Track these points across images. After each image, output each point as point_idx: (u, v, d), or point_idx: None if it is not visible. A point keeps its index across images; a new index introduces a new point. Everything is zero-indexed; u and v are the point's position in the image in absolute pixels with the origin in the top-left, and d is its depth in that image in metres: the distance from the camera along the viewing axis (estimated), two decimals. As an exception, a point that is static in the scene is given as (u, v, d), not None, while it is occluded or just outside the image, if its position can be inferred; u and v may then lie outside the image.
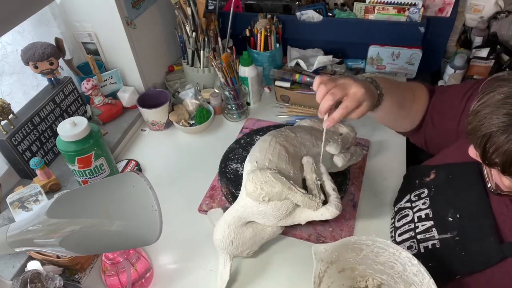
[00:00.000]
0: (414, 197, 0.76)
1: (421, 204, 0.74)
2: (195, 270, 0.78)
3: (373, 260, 0.67)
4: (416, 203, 0.75)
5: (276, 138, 0.78)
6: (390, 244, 0.63)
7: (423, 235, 0.70)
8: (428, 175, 0.76)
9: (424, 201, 0.73)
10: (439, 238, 0.67)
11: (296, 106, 1.16)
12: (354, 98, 0.66)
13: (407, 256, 0.61)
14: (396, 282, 0.66)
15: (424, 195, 0.74)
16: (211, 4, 1.27)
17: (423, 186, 0.76)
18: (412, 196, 0.77)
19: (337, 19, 1.20)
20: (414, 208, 0.75)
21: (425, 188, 0.75)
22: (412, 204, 0.76)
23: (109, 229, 0.51)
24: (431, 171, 0.76)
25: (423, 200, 0.74)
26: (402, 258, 0.62)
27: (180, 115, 1.11)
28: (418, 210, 0.74)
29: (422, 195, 0.75)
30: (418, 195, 0.76)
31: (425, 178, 0.76)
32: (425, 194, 0.74)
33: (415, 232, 0.71)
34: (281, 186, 0.67)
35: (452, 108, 0.76)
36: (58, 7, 1.02)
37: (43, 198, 0.82)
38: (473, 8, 1.25)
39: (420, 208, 0.73)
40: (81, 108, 1.07)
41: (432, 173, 0.75)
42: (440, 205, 0.70)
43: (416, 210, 0.74)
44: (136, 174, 0.54)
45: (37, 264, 0.71)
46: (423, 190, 0.75)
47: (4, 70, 0.93)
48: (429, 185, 0.74)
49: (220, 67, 1.03)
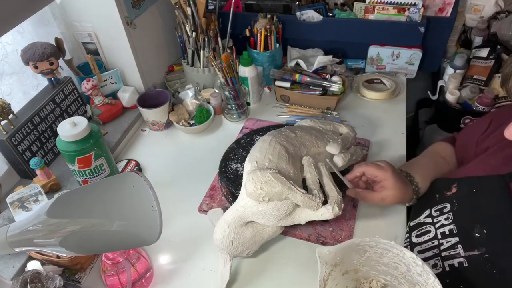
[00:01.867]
0: (435, 212, 0.72)
1: (444, 219, 0.70)
2: (195, 270, 0.78)
3: (377, 261, 0.66)
4: (438, 218, 0.71)
5: (276, 138, 0.78)
6: (394, 245, 0.62)
7: (447, 252, 0.66)
8: (449, 189, 0.72)
9: (447, 216, 0.70)
10: (466, 256, 0.63)
11: (296, 106, 1.16)
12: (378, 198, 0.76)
13: (412, 257, 0.61)
14: (400, 283, 0.66)
15: (447, 210, 0.70)
16: (211, 4, 1.27)
17: (445, 201, 0.72)
18: (433, 211, 0.73)
19: (337, 19, 1.20)
20: (436, 223, 0.71)
21: (447, 203, 0.71)
22: (433, 219, 0.72)
23: (109, 229, 0.51)
24: (452, 185, 0.72)
25: (445, 215, 0.70)
26: (407, 258, 0.62)
27: (180, 115, 1.11)
28: (441, 226, 0.70)
29: (444, 209, 0.71)
30: (440, 210, 0.71)
31: (446, 192, 0.72)
32: (447, 209, 0.70)
33: (439, 250, 0.68)
34: (281, 186, 0.67)
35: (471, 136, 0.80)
36: (58, 7, 1.02)
37: (43, 198, 0.82)
38: (473, 8, 1.25)
39: (443, 223, 0.70)
40: (81, 108, 1.07)
41: (454, 187, 0.71)
42: (465, 220, 0.67)
43: (439, 226, 0.70)
44: (136, 174, 0.54)
45: (37, 264, 0.71)
46: (445, 205, 0.71)
47: (4, 70, 0.93)
48: (451, 199, 0.70)
49: (220, 67, 1.03)
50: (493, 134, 0.74)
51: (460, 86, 1.21)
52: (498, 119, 0.76)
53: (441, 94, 1.26)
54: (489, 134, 0.75)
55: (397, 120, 1.09)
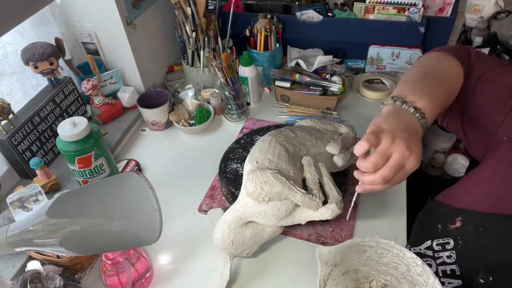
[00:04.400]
0: (437, 246, 0.67)
1: (446, 257, 0.66)
2: (195, 270, 0.78)
3: (377, 261, 0.66)
4: (440, 254, 0.67)
5: (276, 138, 0.78)
6: (394, 245, 0.62)
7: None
8: (453, 221, 0.66)
9: (449, 254, 0.65)
10: None
11: (296, 106, 1.16)
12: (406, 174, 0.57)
13: (412, 257, 0.61)
14: (400, 283, 0.66)
15: (450, 247, 0.65)
16: (211, 4, 1.27)
17: (448, 235, 0.66)
18: (434, 244, 0.68)
19: (337, 19, 1.20)
20: (437, 259, 0.67)
21: (450, 238, 0.66)
22: (434, 254, 0.67)
23: (109, 229, 0.51)
24: (456, 218, 0.66)
25: (448, 252, 0.65)
26: (406, 258, 0.62)
27: (180, 115, 1.11)
28: (442, 263, 0.66)
29: (447, 246, 0.66)
30: (442, 245, 0.67)
31: (450, 225, 0.67)
32: (450, 246, 0.65)
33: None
34: (281, 186, 0.67)
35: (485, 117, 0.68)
36: (58, 7, 1.02)
37: (43, 198, 0.82)
38: (473, 8, 1.25)
39: (444, 261, 0.66)
40: (81, 108, 1.07)
41: (458, 220, 0.66)
42: (469, 263, 0.62)
43: (440, 263, 0.66)
44: (136, 174, 0.54)
45: (37, 264, 0.71)
46: (447, 240, 0.66)
47: (4, 70, 0.93)
48: (455, 235, 0.65)
49: (220, 67, 1.03)
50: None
51: (460, 86, 1.21)
52: None
53: (441, 94, 1.25)
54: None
55: (397, 120, 1.09)
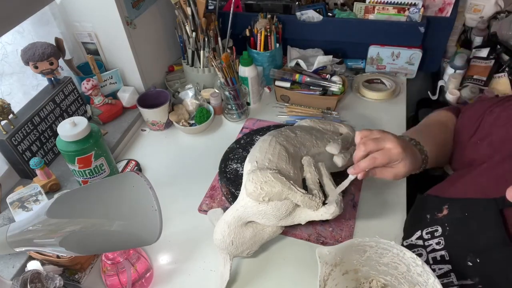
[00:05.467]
0: (427, 235, 0.70)
1: (435, 244, 0.68)
2: (195, 270, 0.78)
3: (377, 261, 0.66)
4: (430, 242, 0.69)
5: (276, 138, 0.78)
6: (394, 245, 0.62)
7: (441, 280, 0.63)
8: (440, 210, 0.69)
9: (438, 240, 0.67)
10: (459, 285, 0.62)
11: (296, 106, 1.16)
12: (386, 153, 0.64)
13: (412, 257, 0.61)
14: (400, 283, 0.66)
15: (438, 234, 0.68)
16: (211, 4, 1.27)
17: (436, 223, 0.69)
18: (424, 233, 0.70)
19: (337, 19, 1.20)
20: (428, 247, 0.69)
21: (438, 226, 0.69)
22: (424, 242, 0.70)
23: (109, 229, 0.51)
24: (443, 206, 0.69)
25: (437, 239, 0.68)
26: (406, 258, 0.62)
27: (180, 115, 1.11)
28: (432, 251, 0.68)
29: (435, 233, 0.68)
30: (431, 233, 0.69)
31: (438, 214, 0.70)
32: (439, 233, 0.68)
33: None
34: (281, 186, 0.67)
35: (463, 132, 0.76)
36: (58, 7, 1.02)
37: (43, 198, 0.82)
38: (473, 8, 1.25)
39: (434, 248, 0.68)
40: (81, 108, 1.07)
41: (445, 208, 0.69)
42: (457, 248, 0.65)
43: (430, 250, 0.68)
44: (136, 174, 0.54)
45: (37, 264, 0.71)
46: (436, 228, 0.69)
47: (4, 70, 0.92)
48: (443, 222, 0.68)
49: (220, 67, 1.03)
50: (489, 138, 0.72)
51: (460, 86, 1.21)
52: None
53: (441, 94, 1.26)
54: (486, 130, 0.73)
55: (397, 120, 1.09)
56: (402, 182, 0.92)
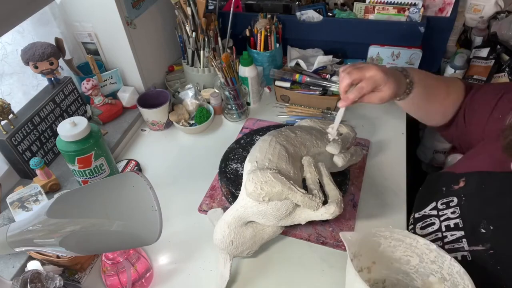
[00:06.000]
0: (442, 205, 0.71)
1: (450, 213, 0.69)
2: (195, 270, 0.78)
3: (390, 256, 0.66)
4: (444, 212, 0.70)
5: (276, 138, 0.78)
6: (408, 233, 0.63)
7: (451, 245, 0.66)
8: (457, 182, 0.71)
9: (453, 210, 0.69)
10: (470, 250, 0.63)
11: (296, 106, 1.16)
12: (370, 80, 0.66)
13: (425, 243, 0.61)
14: (412, 278, 0.66)
15: (454, 204, 0.69)
16: (211, 4, 1.27)
17: (452, 194, 0.71)
18: (439, 204, 0.72)
19: (337, 19, 1.20)
20: (442, 216, 0.70)
21: (454, 197, 0.70)
22: (439, 212, 0.71)
23: (109, 229, 0.51)
24: (460, 179, 0.71)
25: (452, 209, 0.69)
26: (419, 247, 0.62)
27: (180, 115, 1.11)
28: (446, 219, 0.69)
29: (451, 203, 0.70)
30: (447, 203, 0.71)
31: (454, 186, 0.71)
32: (454, 203, 0.69)
33: (443, 242, 0.68)
34: (281, 186, 0.67)
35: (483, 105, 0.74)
36: (58, 7, 1.02)
37: (43, 198, 0.82)
38: (473, 8, 1.26)
39: (448, 217, 0.69)
40: (81, 108, 1.07)
41: (462, 180, 0.70)
42: (471, 215, 0.66)
43: (444, 219, 0.70)
44: (136, 174, 0.54)
45: (37, 264, 0.72)
46: (452, 198, 0.70)
47: (4, 70, 0.92)
48: (459, 193, 0.70)
49: (220, 67, 1.03)
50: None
51: (460, 86, 1.21)
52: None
53: (441, 94, 1.25)
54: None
55: (397, 120, 1.09)
56: (402, 182, 0.92)
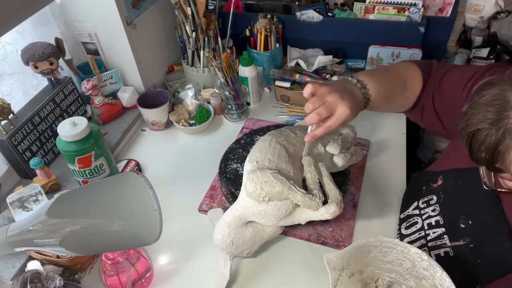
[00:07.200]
0: (423, 204, 0.75)
1: (431, 211, 0.72)
2: (195, 270, 0.78)
3: (381, 260, 0.67)
4: (425, 210, 0.73)
5: (276, 138, 0.78)
6: (399, 242, 0.63)
7: (434, 243, 0.68)
8: (435, 181, 0.74)
9: (433, 207, 0.72)
10: (452, 246, 0.66)
11: (296, 106, 1.16)
12: (339, 119, 0.67)
13: (417, 252, 0.61)
14: (405, 278, 0.66)
15: (433, 202, 0.72)
16: (211, 4, 1.27)
17: (431, 193, 0.74)
18: (420, 203, 0.75)
19: (337, 19, 1.20)
20: (423, 215, 0.73)
21: (433, 195, 0.73)
22: (420, 211, 0.74)
23: (109, 229, 0.51)
24: (438, 177, 0.74)
25: (432, 207, 0.72)
26: (411, 254, 0.62)
27: (180, 115, 1.11)
28: (427, 217, 0.72)
29: (431, 201, 0.73)
30: (427, 202, 0.74)
31: (432, 184, 0.74)
32: (434, 201, 0.72)
33: (426, 240, 0.70)
34: (281, 186, 0.67)
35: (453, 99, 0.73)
36: (58, 7, 1.02)
37: (43, 198, 0.82)
38: (473, 8, 1.26)
39: (429, 215, 0.72)
40: (81, 108, 1.07)
41: (440, 179, 0.74)
42: (450, 212, 0.69)
43: (426, 217, 0.72)
44: (136, 174, 0.54)
45: (37, 264, 0.72)
46: (431, 197, 0.73)
47: (4, 70, 0.92)
48: (438, 191, 0.73)
49: (220, 67, 1.03)
50: None
51: (460, 86, 1.21)
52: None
53: (441, 94, 1.26)
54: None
55: (397, 120, 1.09)
56: (402, 182, 0.92)
